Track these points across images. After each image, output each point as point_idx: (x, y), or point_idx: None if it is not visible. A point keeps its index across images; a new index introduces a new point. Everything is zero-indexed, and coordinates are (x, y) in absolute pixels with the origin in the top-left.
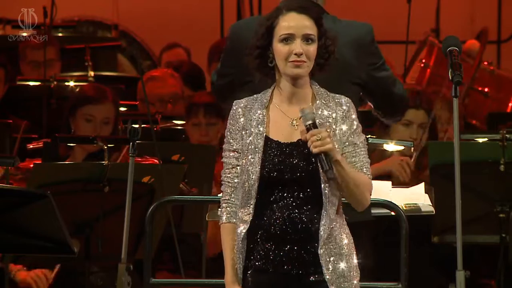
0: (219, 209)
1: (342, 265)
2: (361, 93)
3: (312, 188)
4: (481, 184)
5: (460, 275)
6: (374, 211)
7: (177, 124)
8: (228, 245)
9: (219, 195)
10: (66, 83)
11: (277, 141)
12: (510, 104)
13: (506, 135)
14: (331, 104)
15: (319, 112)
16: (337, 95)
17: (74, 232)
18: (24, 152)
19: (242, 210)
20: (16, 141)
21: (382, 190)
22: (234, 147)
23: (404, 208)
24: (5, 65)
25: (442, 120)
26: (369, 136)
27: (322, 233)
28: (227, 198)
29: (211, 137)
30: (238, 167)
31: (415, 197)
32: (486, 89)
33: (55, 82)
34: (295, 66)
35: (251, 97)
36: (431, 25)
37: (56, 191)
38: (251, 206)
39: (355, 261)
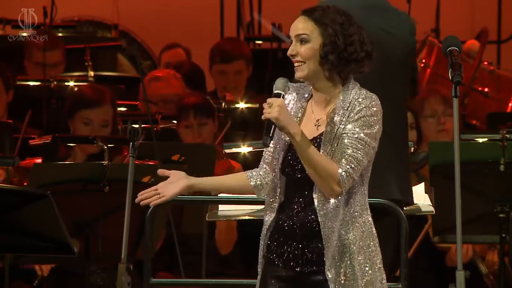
0: None
1: (346, 263)
2: None
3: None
4: (481, 184)
5: (460, 275)
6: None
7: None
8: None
9: (219, 194)
10: (66, 83)
11: None
12: (510, 104)
13: (506, 135)
14: (349, 99)
15: (336, 111)
16: (364, 91)
17: (74, 232)
18: (25, 149)
19: (269, 198)
20: (17, 142)
21: None
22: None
23: (404, 208)
24: (3, 73)
25: (438, 113)
26: None
27: (322, 230)
28: (259, 165)
29: (204, 137)
30: (271, 146)
31: (415, 197)
32: (486, 89)
33: (55, 82)
34: (295, 70)
35: (298, 84)
36: (431, 25)
37: (56, 191)
38: (277, 196)
39: (368, 259)
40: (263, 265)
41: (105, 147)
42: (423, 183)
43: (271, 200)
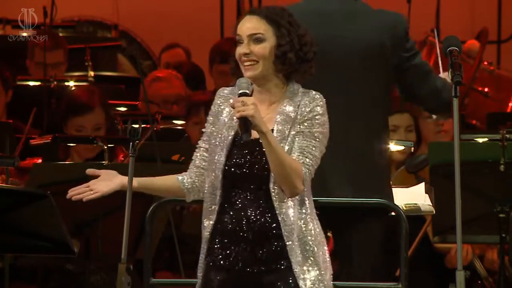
0: None
1: (310, 259)
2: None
3: (268, 185)
4: (481, 184)
5: (460, 275)
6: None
7: (177, 124)
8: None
9: None
10: (66, 83)
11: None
12: (510, 104)
13: (506, 135)
14: (297, 99)
15: (282, 109)
16: (312, 92)
17: (74, 232)
18: (26, 149)
19: (207, 202)
20: (20, 142)
21: None
22: (206, 131)
23: (404, 208)
24: (2, 73)
25: None
26: None
27: (282, 227)
28: (187, 171)
29: None
30: (202, 150)
31: (415, 197)
32: (486, 89)
33: (55, 82)
34: (246, 70)
35: (231, 88)
36: (431, 25)
37: (56, 191)
38: (217, 199)
39: (326, 254)
40: (204, 270)
41: (105, 147)
42: (423, 183)
43: (210, 203)
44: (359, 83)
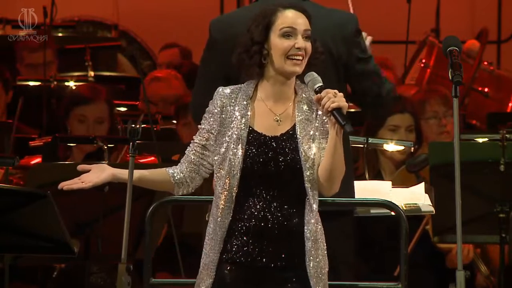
0: None
1: (320, 257)
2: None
3: (294, 182)
4: (481, 184)
5: (460, 275)
6: (374, 211)
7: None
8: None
9: None
10: (66, 83)
11: (261, 133)
12: (510, 104)
13: (506, 135)
14: (311, 97)
15: (300, 106)
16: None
17: (74, 232)
18: (25, 150)
19: (223, 200)
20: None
21: (382, 190)
22: (205, 127)
23: (404, 208)
24: (3, 74)
25: (439, 115)
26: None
27: (305, 227)
28: (180, 164)
29: None
30: (197, 145)
31: (415, 197)
32: (486, 89)
33: (55, 82)
34: (294, 64)
35: (236, 86)
36: (431, 25)
37: (56, 191)
38: (233, 196)
39: (325, 250)
40: (217, 267)
41: (105, 147)
42: (423, 183)
43: (226, 200)
44: None
